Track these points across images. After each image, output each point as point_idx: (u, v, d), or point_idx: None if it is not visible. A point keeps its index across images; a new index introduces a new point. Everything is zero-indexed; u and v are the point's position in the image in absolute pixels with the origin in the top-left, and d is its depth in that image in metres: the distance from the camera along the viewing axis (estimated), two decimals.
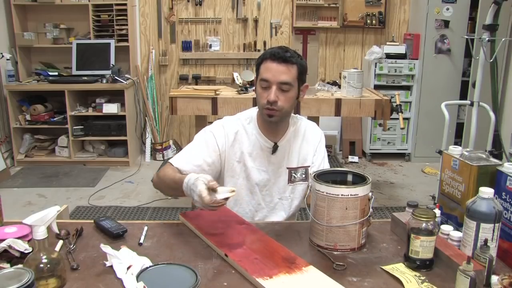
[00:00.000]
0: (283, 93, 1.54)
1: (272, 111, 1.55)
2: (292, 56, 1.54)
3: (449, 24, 4.60)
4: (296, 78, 1.55)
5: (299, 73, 1.56)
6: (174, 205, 3.71)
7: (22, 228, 1.32)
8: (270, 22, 4.99)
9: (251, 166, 1.65)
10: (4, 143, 4.49)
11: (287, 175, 1.69)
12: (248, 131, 1.66)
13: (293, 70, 1.54)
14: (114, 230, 1.39)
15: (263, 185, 1.67)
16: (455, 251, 1.24)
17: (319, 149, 1.74)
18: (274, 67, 1.52)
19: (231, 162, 1.65)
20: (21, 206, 3.65)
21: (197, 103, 3.37)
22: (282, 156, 1.67)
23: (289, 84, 1.53)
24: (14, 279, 0.94)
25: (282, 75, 1.52)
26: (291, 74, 1.53)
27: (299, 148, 1.70)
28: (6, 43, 4.62)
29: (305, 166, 1.71)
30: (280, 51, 1.54)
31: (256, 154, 1.66)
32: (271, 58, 1.53)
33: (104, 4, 4.62)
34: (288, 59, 1.52)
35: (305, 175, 1.71)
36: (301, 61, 1.57)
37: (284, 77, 1.52)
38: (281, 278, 1.14)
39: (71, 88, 4.50)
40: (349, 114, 3.45)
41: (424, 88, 4.75)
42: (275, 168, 1.67)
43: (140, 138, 5.01)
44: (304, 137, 1.72)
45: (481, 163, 1.33)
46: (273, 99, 1.52)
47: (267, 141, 1.65)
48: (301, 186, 1.72)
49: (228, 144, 1.64)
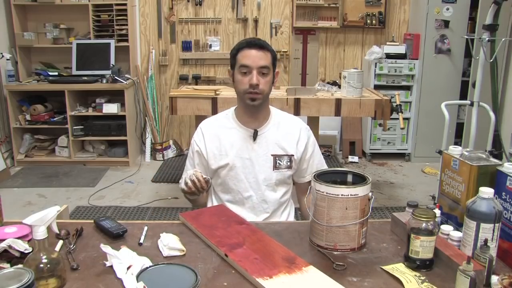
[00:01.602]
0: (263, 76, 1.67)
1: (254, 94, 1.67)
2: (266, 44, 1.70)
3: (449, 24, 4.60)
4: (271, 63, 1.69)
5: (273, 59, 1.71)
6: (174, 205, 3.71)
7: (22, 228, 1.32)
8: (270, 22, 4.99)
9: (234, 156, 1.74)
10: (4, 143, 4.49)
11: (272, 162, 1.75)
12: (227, 125, 1.78)
13: (269, 55, 1.68)
14: (114, 230, 1.39)
15: (248, 172, 1.74)
16: (455, 251, 1.24)
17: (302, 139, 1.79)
18: (253, 53, 1.67)
19: (214, 157, 1.76)
20: (21, 206, 3.65)
21: (197, 103, 3.37)
22: (265, 144, 1.75)
23: (268, 68, 1.67)
24: (14, 279, 0.94)
25: (260, 60, 1.66)
26: (268, 59, 1.68)
27: (283, 136, 1.77)
28: (6, 43, 4.62)
29: (289, 155, 1.77)
30: (255, 39, 1.72)
31: (237, 144, 1.75)
32: (248, 46, 1.68)
33: (104, 4, 4.62)
34: (264, 46, 1.68)
35: (289, 163, 1.77)
36: (272, 49, 1.73)
37: (263, 62, 1.66)
38: (281, 278, 1.14)
39: (71, 88, 4.50)
40: (349, 114, 3.45)
41: (424, 88, 4.75)
42: (259, 155, 1.74)
43: (140, 138, 5.01)
44: (287, 127, 1.80)
45: (481, 163, 1.33)
46: (255, 81, 1.65)
47: (247, 129, 1.75)
48: (288, 172, 1.78)
49: (206, 141, 1.78)
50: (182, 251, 1.29)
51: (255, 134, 1.74)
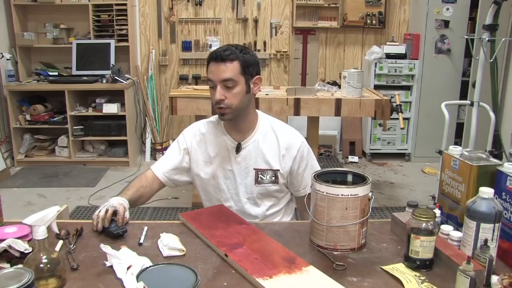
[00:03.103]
0: (228, 89, 1.58)
1: (221, 109, 1.60)
2: (232, 53, 1.57)
3: (449, 24, 4.60)
4: (240, 73, 1.58)
5: (243, 67, 1.58)
6: (174, 205, 3.71)
7: (22, 228, 1.31)
8: (270, 22, 4.98)
9: (216, 165, 1.70)
10: (4, 143, 4.49)
11: (253, 176, 1.68)
12: (215, 131, 1.73)
13: (233, 66, 1.57)
14: (114, 230, 1.39)
15: (230, 183, 1.71)
16: (455, 251, 1.24)
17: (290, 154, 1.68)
18: (214, 67, 1.59)
19: (198, 160, 1.73)
20: (21, 206, 3.65)
21: (197, 103, 3.37)
22: (248, 157, 1.68)
23: (232, 80, 1.57)
24: (14, 279, 0.94)
25: (221, 73, 1.57)
26: (231, 70, 1.57)
27: (269, 150, 1.68)
28: (6, 43, 4.62)
29: (274, 170, 1.68)
30: (219, 50, 1.59)
31: (221, 154, 1.70)
32: (211, 60, 1.60)
33: (104, 4, 4.62)
34: (226, 57, 1.56)
35: (274, 178, 1.68)
36: (243, 56, 1.59)
37: (224, 75, 1.56)
38: (281, 278, 1.14)
39: (71, 88, 4.50)
40: (349, 114, 3.45)
41: (424, 88, 4.75)
42: (241, 168, 1.69)
43: (140, 138, 5.01)
44: (275, 140, 1.69)
45: (481, 163, 1.33)
46: (218, 97, 1.58)
47: (232, 140, 1.69)
48: (273, 187, 1.69)
49: (195, 141, 1.74)
50: (182, 251, 1.29)
51: (238, 148, 1.68)
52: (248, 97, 1.63)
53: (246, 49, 1.63)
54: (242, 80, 1.59)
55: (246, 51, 1.62)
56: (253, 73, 1.63)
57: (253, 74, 1.63)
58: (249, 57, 1.61)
